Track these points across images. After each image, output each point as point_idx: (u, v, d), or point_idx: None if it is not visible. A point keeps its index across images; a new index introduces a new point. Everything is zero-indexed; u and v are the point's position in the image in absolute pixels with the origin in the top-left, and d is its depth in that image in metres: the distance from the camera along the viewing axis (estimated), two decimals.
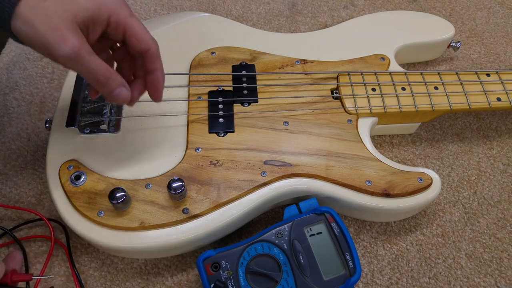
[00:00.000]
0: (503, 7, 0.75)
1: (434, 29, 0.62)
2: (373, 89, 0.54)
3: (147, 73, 0.40)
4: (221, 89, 0.54)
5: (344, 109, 0.53)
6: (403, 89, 0.55)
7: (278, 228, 0.44)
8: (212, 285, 0.41)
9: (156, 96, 0.42)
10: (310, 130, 0.51)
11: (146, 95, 0.42)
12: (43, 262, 0.49)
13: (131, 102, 0.41)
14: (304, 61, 0.57)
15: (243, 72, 0.55)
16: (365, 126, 0.52)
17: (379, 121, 0.54)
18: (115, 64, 0.43)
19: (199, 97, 0.53)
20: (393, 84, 0.55)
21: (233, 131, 0.50)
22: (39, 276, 0.44)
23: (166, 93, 0.49)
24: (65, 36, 0.33)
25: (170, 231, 0.45)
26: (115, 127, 0.50)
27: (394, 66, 0.57)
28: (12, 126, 0.59)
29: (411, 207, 0.48)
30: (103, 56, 0.42)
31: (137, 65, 0.42)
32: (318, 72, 0.56)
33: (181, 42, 0.58)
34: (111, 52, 0.43)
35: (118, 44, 0.43)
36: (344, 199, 0.48)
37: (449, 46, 0.64)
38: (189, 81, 0.54)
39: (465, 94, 0.55)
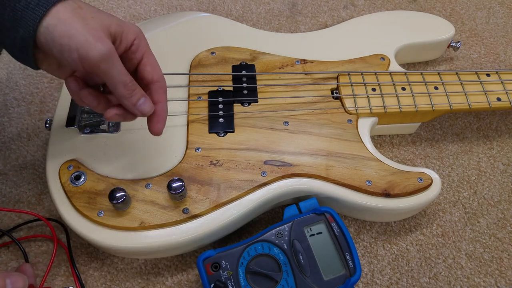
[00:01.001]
0: (503, 7, 0.75)
1: (434, 29, 0.62)
2: (373, 89, 0.54)
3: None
4: (221, 89, 0.54)
5: (344, 109, 0.53)
6: (403, 89, 0.55)
7: (278, 228, 0.44)
8: (212, 285, 0.41)
9: (158, 127, 0.41)
10: (310, 130, 0.51)
11: None
12: (43, 262, 0.49)
13: (127, 119, 0.41)
14: (304, 61, 0.57)
15: (243, 72, 0.55)
16: (365, 126, 0.52)
17: (379, 121, 0.54)
18: None
19: (199, 97, 0.53)
20: (393, 84, 0.55)
21: (233, 131, 0.50)
22: None
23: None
24: (101, 37, 0.35)
25: (170, 231, 0.45)
26: (115, 127, 0.50)
27: (394, 66, 0.57)
28: (12, 126, 0.59)
29: (411, 207, 0.48)
30: None
31: None
32: (318, 72, 0.56)
33: (181, 42, 0.58)
34: None
35: None
36: (344, 199, 0.48)
37: (449, 46, 0.64)
38: (189, 81, 0.54)
39: (465, 94, 0.55)
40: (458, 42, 0.63)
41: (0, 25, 0.35)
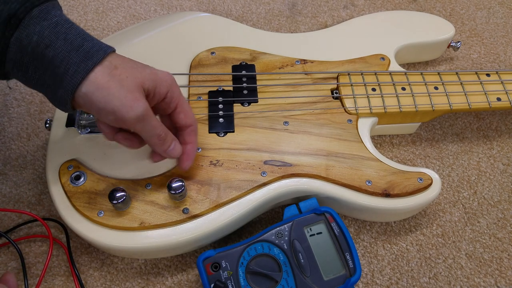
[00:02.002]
0: (503, 7, 0.75)
1: (434, 29, 0.62)
2: (373, 89, 0.54)
3: (183, 143, 0.44)
4: (221, 89, 0.54)
5: (344, 109, 0.53)
6: (403, 89, 0.55)
7: (278, 228, 0.44)
8: (212, 285, 0.41)
9: (186, 165, 0.44)
10: (310, 130, 0.51)
11: None
12: (43, 262, 0.49)
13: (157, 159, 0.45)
14: (304, 61, 0.57)
15: (243, 72, 0.55)
16: (365, 126, 0.52)
17: (379, 121, 0.54)
18: None
19: (199, 97, 0.53)
20: (393, 84, 0.55)
21: (233, 131, 0.50)
22: None
23: None
24: (137, 98, 0.37)
25: (170, 231, 0.45)
26: None
27: (394, 66, 0.57)
28: (12, 126, 0.59)
29: (411, 207, 0.48)
30: None
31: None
32: (318, 72, 0.56)
33: (181, 42, 0.58)
34: None
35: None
36: (344, 199, 0.48)
37: (449, 46, 0.64)
38: (189, 81, 0.54)
39: (465, 94, 0.55)
40: (458, 42, 0.63)
41: (42, 82, 0.36)
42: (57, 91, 0.36)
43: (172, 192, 0.43)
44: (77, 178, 0.46)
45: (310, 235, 0.44)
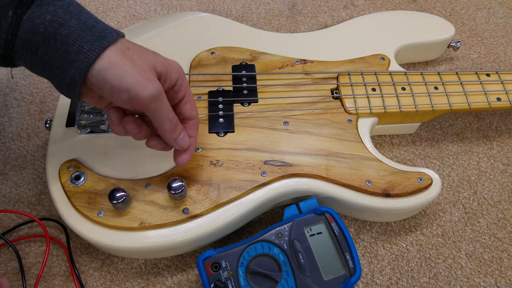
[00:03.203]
0: (503, 7, 0.75)
1: (434, 29, 0.62)
2: (373, 89, 0.54)
3: None
4: (221, 89, 0.54)
5: (344, 109, 0.53)
6: (403, 89, 0.55)
7: (278, 228, 0.44)
8: (212, 285, 0.41)
9: (184, 158, 0.43)
10: (310, 130, 0.51)
11: None
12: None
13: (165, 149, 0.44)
14: (304, 61, 0.57)
15: (243, 72, 0.55)
16: (365, 126, 0.52)
17: (379, 121, 0.54)
18: None
19: (199, 97, 0.53)
20: (393, 84, 0.55)
21: (233, 131, 0.50)
22: None
23: None
24: (151, 77, 0.36)
25: (170, 231, 0.45)
26: None
27: (394, 66, 0.57)
28: (12, 126, 0.59)
29: (411, 207, 0.48)
30: None
31: None
32: (318, 72, 0.56)
33: (181, 42, 0.58)
34: None
35: None
36: (344, 199, 0.48)
37: (449, 46, 0.64)
38: (189, 81, 0.54)
39: (465, 94, 0.55)
40: (458, 42, 0.63)
41: (51, 64, 0.36)
42: (67, 72, 0.36)
43: (172, 192, 0.43)
44: (77, 178, 0.46)
45: (310, 235, 0.44)
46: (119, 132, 0.41)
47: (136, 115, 0.41)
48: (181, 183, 0.44)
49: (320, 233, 0.44)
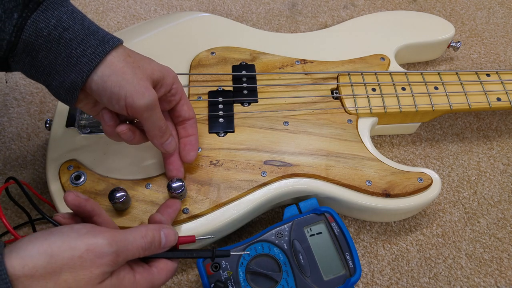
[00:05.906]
0: (503, 7, 0.75)
1: (434, 29, 0.62)
2: (373, 89, 0.54)
3: (184, 136, 0.45)
4: (221, 89, 0.54)
5: (344, 109, 0.53)
6: (403, 89, 0.55)
7: (278, 228, 0.44)
8: (212, 285, 0.41)
9: (191, 155, 0.45)
10: (310, 130, 0.51)
11: None
12: None
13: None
14: (304, 61, 0.57)
15: (243, 72, 0.55)
16: (365, 126, 0.52)
17: (379, 121, 0.54)
18: None
19: (199, 97, 0.53)
20: (393, 84, 0.55)
21: (233, 131, 0.50)
22: (202, 237, 0.41)
23: None
24: (148, 87, 0.38)
25: None
26: None
27: (394, 66, 0.57)
28: (12, 126, 0.59)
29: (411, 207, 0.48)
30: None
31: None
32: (318, 72, 0.56)
33: (181, 42, 0.58)
34: None
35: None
36: (344, 199, 0.48)
37: (449, 46, 0.64)
38: (189, 81, 0.54)
39: (465, 94, 0.55)
40: (458, 42, 0.63)
41: (50, 68, 0.37)
42: (68, 76, 0.36)
43: (172, 192, 0.43)
44: (77, 178, 0.46)
45: (310, 235, 0.44)
46: (111, 134, 0.41)
47: (127, 121, 0.42)
48: (181, 183, 0.44)
49: (320, 233, 0.44)
